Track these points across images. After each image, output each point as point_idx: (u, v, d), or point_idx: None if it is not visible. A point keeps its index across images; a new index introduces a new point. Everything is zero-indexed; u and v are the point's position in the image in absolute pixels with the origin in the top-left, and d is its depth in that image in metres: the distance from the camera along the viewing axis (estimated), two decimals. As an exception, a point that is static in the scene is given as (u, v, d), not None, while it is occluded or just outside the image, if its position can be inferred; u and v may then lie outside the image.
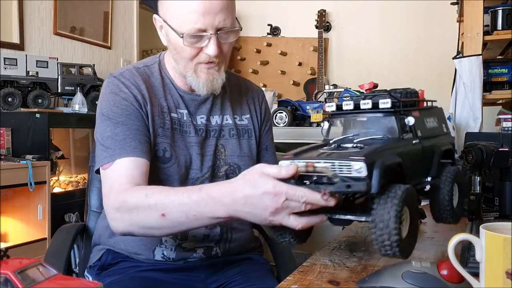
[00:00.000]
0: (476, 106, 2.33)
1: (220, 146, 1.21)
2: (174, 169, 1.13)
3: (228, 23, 1.08)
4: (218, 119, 1.23)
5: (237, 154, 1.21)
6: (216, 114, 1.23)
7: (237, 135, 1.24)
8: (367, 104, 0.94)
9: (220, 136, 1.21)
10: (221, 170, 1.19)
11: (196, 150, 1.17)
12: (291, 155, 0.89)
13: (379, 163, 0.82)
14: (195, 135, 1.18)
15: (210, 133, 1.21)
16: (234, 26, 1.10)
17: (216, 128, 1.22)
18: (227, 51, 1.14)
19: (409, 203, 0.83)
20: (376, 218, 0.81)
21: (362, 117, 0.97)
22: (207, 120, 1.21)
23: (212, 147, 1.19)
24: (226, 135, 1.23)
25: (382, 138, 0.93)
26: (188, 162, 1.16)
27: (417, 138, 0.95)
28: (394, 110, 0.92)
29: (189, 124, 1.18)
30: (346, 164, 0.82)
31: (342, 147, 0.92)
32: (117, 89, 1.14)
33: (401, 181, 0.86)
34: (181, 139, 1.16)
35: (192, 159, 1.16)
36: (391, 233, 0.78)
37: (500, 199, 1.23)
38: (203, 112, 1.21)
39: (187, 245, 1.18)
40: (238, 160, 1.21)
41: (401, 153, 0.88)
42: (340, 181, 0.82)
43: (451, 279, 0.74)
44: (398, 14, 4.19)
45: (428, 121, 1.00)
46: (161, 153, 1.13)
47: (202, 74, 1.12)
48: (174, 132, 1.16)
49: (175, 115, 1.18)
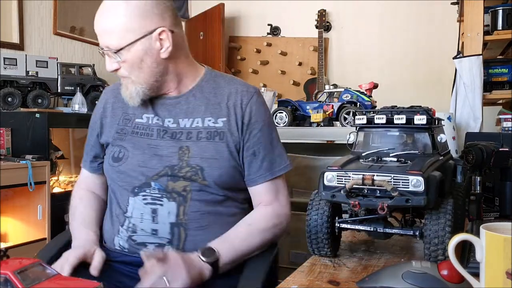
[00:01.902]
0: (476, 106, 2.32)
1: (185, 148, 1.21)
2: (124, 168, 1.23)
3: (111, 43, 1.17)
4: (188, 122, 1.24)
5: (201, 156, 1.20)
6: (186, 117, 1.25)
7: (207, 138, 1.22)
8: (401, 119, 0.96)
9: (187, 138, 1.22)
10: (182, 171, 1.19)
11: (155, 151, 1.22)
12: (338, 166, 0.90)
13: (434, 178, 0.84)
14: (157, 137, 1.24)
15: (176, 136, 1.23)
16: (121, 45, 1.16)
17: (183, 131, 1.24)
18: (127, 68, 1.19)
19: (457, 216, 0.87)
20: (431, 233, 0.86)
21: (394, 131, 0.98)
22: (175, 123, 1.25)
23: (175, 149, 1.21)
24: (194, 138, 1.22)
25: (417, 153, 0.95)
26: (141, 162, 1.22)
27: (440, 154, 0.99)
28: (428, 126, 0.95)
29: (153, 127, 1.25)
30: (403, 178, 0.84)
31: (382, 160, 0.94)
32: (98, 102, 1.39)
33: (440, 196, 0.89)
34: (141, 141, 1.24)
35: (147, 159, 1.22)
36: (446, 248, 0.81)
37: (500, 199, 1.23)
38: (172, 115, 1.26)
39: (137, 238, 1.21)
40: (200, 162, 1.19)
41: (440, 168, 0.91)
42: (399, 195, 0.83)
43: (451, 279, 0.74)
44: (398, 14, 4.19)
45: (442, 138, 1.02)
46: (116, 154, 1.25)
47: (123, 87, 1.25)
48: (133, 136, 1.26)
49: (140, 120, 1.27)
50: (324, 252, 0.97)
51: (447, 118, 2.00)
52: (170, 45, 1.19)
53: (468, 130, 2.24)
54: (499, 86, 2.45)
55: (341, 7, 4.38)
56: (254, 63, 4.73)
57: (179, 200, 1.18)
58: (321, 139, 2.43)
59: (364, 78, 2.90)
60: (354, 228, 0.97)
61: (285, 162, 1.28)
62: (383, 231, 0.93)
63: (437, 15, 3.99)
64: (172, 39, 1.19)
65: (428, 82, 4.03)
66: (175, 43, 1.20)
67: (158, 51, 1.19)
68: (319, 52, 4.15)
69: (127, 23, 1.16)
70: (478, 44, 2.33)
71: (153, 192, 1.19)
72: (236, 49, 4.85)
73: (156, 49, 1.18)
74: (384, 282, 0.78)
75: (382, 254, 1.02)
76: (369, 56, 4.30)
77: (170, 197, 1.18)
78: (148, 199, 1.19)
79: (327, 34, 4.40)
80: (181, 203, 1.18)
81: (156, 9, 1.18)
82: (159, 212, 1.18)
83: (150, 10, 1.17)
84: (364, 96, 2.36)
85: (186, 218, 1.18)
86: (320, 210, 0.96)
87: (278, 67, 4.64)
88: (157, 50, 1.19)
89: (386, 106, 1.06)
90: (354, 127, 1.05)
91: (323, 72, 4.12)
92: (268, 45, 4.67)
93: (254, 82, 4.69)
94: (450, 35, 3.21)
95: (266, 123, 1.28)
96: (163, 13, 1.19)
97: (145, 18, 1.16)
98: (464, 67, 2.34)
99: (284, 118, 2.48)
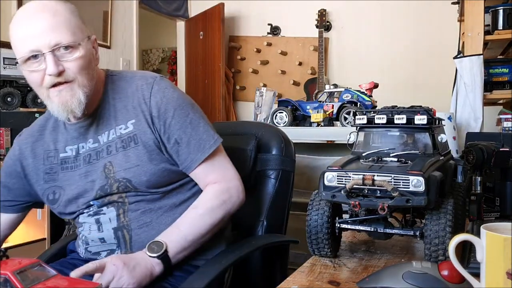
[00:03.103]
0: (477, 106, 2.32)
1: (108, 164, 1.18)
2: (62, 207, 1.23)
3: (65, 38, 1.09)
4: (105, 136, 1.21)
5: (124, 168, 1.17)
6: (102, 132, 1.21)
7: (123, 147, 1.18)
8: (401, 119, 0.96)
9: (108, 154, 1.19)
10: (113, 189, 1.17)
11: (87, 178, 1.20)
12: (338, 166, 0.90)
13: (434, 178, 0.84)
14: (84, 165, 1.21)
15: (99, 155, 1.20)
16: (71, 41, 1.10)
17: (103, 148, 1.20)
18: (77, 68, 1.11)
19: (457, 216, 0.87)
20: (431, 234, 0.86)
21: (394, 131, 0.98)
22: (96, 141, 1.21)
23: (101, 168, 1.19)
24: (113, 151, 1.19)
25: (418, 153, 0.95)
26: (76, 194, 1.21)
27: (441, 155, 0.98)
28: (429, 126, 0.95)
29: (77, 157, 1.22)
30: (404, 178, 0.84)
31: (383, 161, 0.93)
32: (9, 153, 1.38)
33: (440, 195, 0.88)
34: (71, 175, 1.22)
35: (81, 190, 1.20)
36: (447, 248, 0.82)
37: (500, 199, 1.23)
38: (91, 136, 1.22)
39: (91, 249, 1.22)
40: (125, 174, 1.16)
41: (440, 168, 0.91)
42: (399, 195, 0.83)
43: (451, 280, 0.74)
44: (399, 14, 4.19)
45: (442, 138, 1.02)
46: (51, 197, 1.24)
47: (55, 98, 1.13)
48: (64, 172, 1.23)
49: (64, 154, 1.24)
50: (324, 252, 0.97)
51: (448, 118, 1.99)
52: (98, 53, 1.21)
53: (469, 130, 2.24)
54: (500, 86, 2.45)
55: (341, 7, 4.38)
56: (254, 63, 4.73)
57: (118, 205, 1.18)
58: (321, 139, 2.43)
59: (364, 78, 2.90)
60: (354, 229, 0.97)
61: (213, 137, 1.21)
62: (384, 231, 0.93)
63: (437, 15, 3.99)
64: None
65: (429, 82, 4.03)
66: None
67: (95, 57, 1.19)
68: (319, 52, 4.15)
69: (76, 21, 1.14)
70: (479, 44, 2.33)
71: (94, 208, 1.21)
72: (236, 49, 4.85)
73: (94, 54, 1.18)
74: (385, 283, 0.77)
75: (383, 255, 1.02)
76: (369, 56, 4.30)
77: (109, 205, 1.19)
78: (92, 213, 1.21)
79: (327, 34, 4.40)
80: (120, 207, 1.18)
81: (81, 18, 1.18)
82: (102, 220, 1.20)
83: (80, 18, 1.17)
84: (364, 96, 2.35)
85: (127, 219, 1.18)
86: (320, 210, 0.96)
87: (278, 67, 4.64)
88: (94, 55, 1.19)
89: (386, 106, 1.06)
90: (355, 127, 1.05)
91: (323, 72, 4.12)
92: (268, 45, 4.67)
93: (254, 82, 4.69)
94: (450, 35, 3.21)
95: (178, 107, 1.20)
96: (83, 23, 1.19)
97: (82, 22, 1.17)
98: (464, 67, 2.34)
99: (284, 118, 2.48)
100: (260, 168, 1.43)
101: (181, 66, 5.23)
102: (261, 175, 1.43)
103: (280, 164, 1.43)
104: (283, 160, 1.44)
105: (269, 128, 1.53)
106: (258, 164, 1.43)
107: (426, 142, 0.96)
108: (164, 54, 6.90)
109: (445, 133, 1.06)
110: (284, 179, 1.43)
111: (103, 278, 1.01)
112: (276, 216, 1.42)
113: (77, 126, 1.22)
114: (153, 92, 1.20)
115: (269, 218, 1.39)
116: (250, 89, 4.71)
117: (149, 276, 1.06)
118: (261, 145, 1.45)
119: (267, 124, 1.88)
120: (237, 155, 1.35)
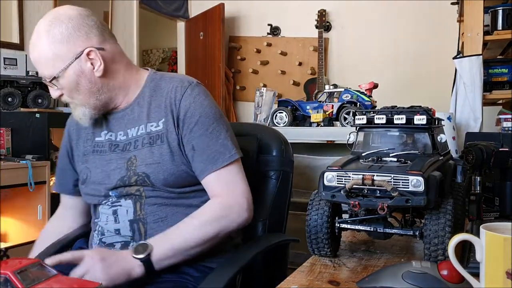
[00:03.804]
0: (477, 106, 2.32)
1: (133, 158, 1.24)
2: (89, 188, 1.30)
3: (45, 73, 1.20)
4: (134, 131, 1.26)
5: (146, 163, 1.21)
6: (132, 126, 1.27)
7: (150, 143, 1.23)
8: (401, 119, 0.96)
9: (134, 148, 1.25)
10: (131, 181, 1.22)
11: (109, 166, 1.26)
12: (338, 166, 0.90)
13: (434, 178, 0.84)
14: (111, 152, 1.28)
15: (126, 147, 1.26)
16: (53, 74, 1.19)
17: (131, 141, 1.26)
18: (68, 92, 1.23)
19: (457, 216, 0.87)
20: (431, 233, 0.86)
21: (394, 131, 0.99)
22: (125, 134, 1.28)
23: (124, 160, 1.24)
24: (139, 146, 1.24)
25: (418, 153, 0.95)
26: (100, 179, 1.27)
27: (440, 154, 0.98)
28: (428, 126, 0.95)
29: (107, 143, 1.29)
30: (403, 178, 0.84)
31: (382, 161, 0.93)
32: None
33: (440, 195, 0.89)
34: (99, 159, 1.29)
35: (104, 175, 1.26)
36: (446, 248, 0.81)
37: (500, 199, 1.23)
38: (122, 128, 1.29)
39: (105, 240, 1.25)
40: (145, 169, 1.21)
41: (440, 168, 0.91)
42: (398, 195, 0.83)
43: (451, 279, 0.74)
44: (398, 14, 4.19)
45: (442, 138, 1.02)
46: (83, 177, 1.31)
47: (72, 110, 1.30)
48: (93, 154, 1.30)
49: (99, 139, 1.31)
50: (324, 252, 0.97)
51: (447, 118, 2.00)
52: (101, 63, 1.21)
53: (468, 130, 2.24)
54: (499, 86, 2.45)
55: (341, 7, 4.38)
56: (254, 63, 4.73)
57: (135, 198, 1.22)
58: (321, 139, 2.44)
59: (364, 78, 2.90)
60: (354, 228, 0.97)
61: (229, 152, 1.22)
62: (383, 231, 0.93)
63: (437, 15, 4.00)
64: (102, 56, 1.21)
65: (428, 82, 4.03)
66: (108, 59, 1.22)
67: (91, 71, 1.20)
68: (319, 52, 4.15)
69: (53, 52, 1.17)
70: (478, 44, 2.33)
71: (113, 199, 1.25)
72: (236, 49, 4.85)
73: (89, 70, 1.20)
74: (384, 282, 0.78)
75: (382, 254, 1.02)
76: (369, 56, 4.30)
77: (127, 197, 1.23)
78: (109, 204, 1.25)
79: (327, 34, 4.41)
80: (137, 200, 1.22)
81: (79, 31, 1.19)
82: (119, 212, 1.23)
83: (73, 34, 1.18)
84: (364, 96, 2.36)
85: (143, 213, 1.21)
86: (320, 210, 0.96)
87: (278, 67, 4.64)
88: (90, 70, 1.20)
89: (386, 106, 1.06)
90: (354, 127, 1.05)
91: (323, 72, 4.13)
92: (268, 45, 4.67)
93: (254, 82, 4.69)
94: (450, 35, 3.21)
95: (204, 115, 1.23)
96: (87, 33, 1.20)
97: (69, 43, 1.17)
98: (464, 67, 2.34)
99: (284, 118, 2.48)
100: (262, 169, 1.44)
101: (181, 66, 5.23)
102: (262, 175, 1.44)
103: (281, 165, 1.44)
104: (283, 161, 1.45)
105: (268, 129, 1.54)
106: (259, 165, 1.44)
107: (426, 142, 0.97)
108: (164, 54, 6.91)
109: (444, 133, 1.07)
110: (284, 179, 1.44)
111: (77, 270, 1.03)
112: (277, 216, 1.43)
113: (113, 116, 1.30)
114: (185, 95, 1.24)
115: (271, 218, 1.40)
116: (250, 89, 4.71)
117: (125, 276, 1.07)
118: (261, 146, 1.46)
119: (265, 125, 1.89)
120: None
